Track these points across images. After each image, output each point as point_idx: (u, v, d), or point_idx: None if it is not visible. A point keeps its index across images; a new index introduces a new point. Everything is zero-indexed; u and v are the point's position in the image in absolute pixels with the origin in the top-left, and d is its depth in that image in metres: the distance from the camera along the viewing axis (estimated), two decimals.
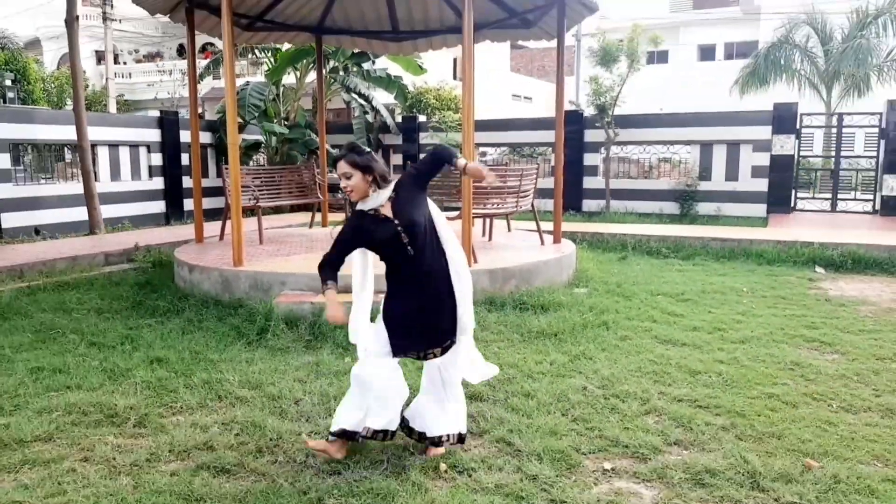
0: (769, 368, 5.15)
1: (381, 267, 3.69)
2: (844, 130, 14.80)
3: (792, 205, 14.24)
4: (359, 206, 3.58)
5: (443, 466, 3.59)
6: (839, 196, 14.74)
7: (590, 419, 4.18)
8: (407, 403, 3.81)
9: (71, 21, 11.75)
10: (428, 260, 3.56)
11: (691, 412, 4.28)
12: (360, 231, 3.58)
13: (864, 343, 5.84)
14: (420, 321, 3.59)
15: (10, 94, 23.23)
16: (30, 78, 25.97)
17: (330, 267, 3.65)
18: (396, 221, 3.50)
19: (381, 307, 3.68)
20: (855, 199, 14.98)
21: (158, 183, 14.10)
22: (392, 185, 3.57)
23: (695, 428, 4.06)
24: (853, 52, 19.39)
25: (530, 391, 4.60)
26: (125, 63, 36.61)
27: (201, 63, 19.83)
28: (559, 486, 3.40)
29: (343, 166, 3.49)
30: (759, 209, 13.69)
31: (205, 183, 11.23)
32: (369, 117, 16.62)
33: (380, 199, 3.52)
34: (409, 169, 3.69)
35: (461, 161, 3.57)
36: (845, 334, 6.13)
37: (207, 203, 12.25)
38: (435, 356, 3.65)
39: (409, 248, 3.51)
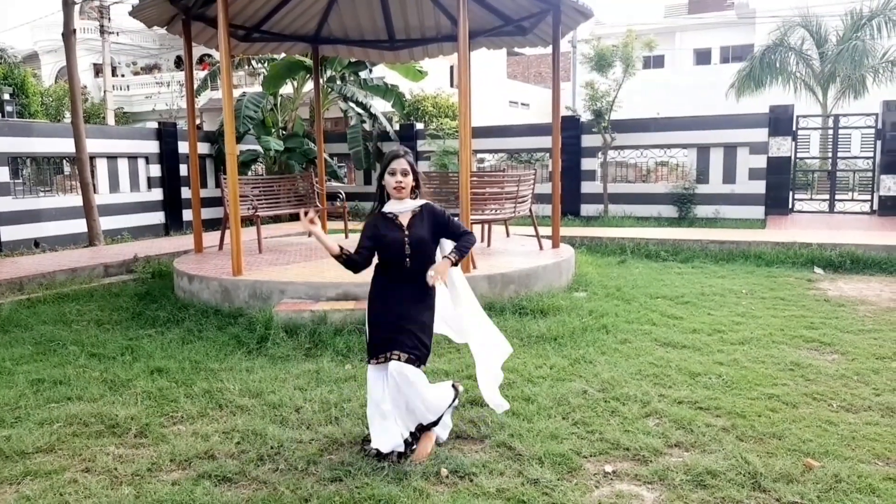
0: (769, 369, 5.16)
1: None
2: (841, 131, 14.84)
3: (790, 206, 14.27)
4: (385, 208, 3.81)
5: (444, 472, 3.59)
6: (837, 197, 14.78)
7: (590, 422, 4.18)
8: None
9: (68, 34, 11.80)
10: (411, 280, 3.78)
11: (692, 414, 4.28)
12: (376, 229, 3.79)
13: (864, 343, 5.85)
14: (390, 321, 3.77)
15: (9, 108, 23.32)
16: (28, 91, 26.07)
17: (354, 258, 3.80)
18: (407, 233, 3.73)
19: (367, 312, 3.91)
20: (852, 200, 15.02)
21: (157, 194, 14.14)
22: (420, 203, 3.81)
23: (695, 429, 4.06)
24: (849, 53, 19.44)
25: (531, 395, 4.60)
26: (123, 75, 36.72)
27: (199, 74, 19.92)
28: (560, 489, 3.40)
29: (404, 163, 3.74)
30: (757, 211, 13.73)
31: (203, 193, 11.27)
32: (367, 125, 16.67)
33: (406, 206, 3.79)
34: (445, 212, 3.88)
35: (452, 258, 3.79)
36: (845, 334, 6.13)
37: (206, 213, 12.30)
38: (399, 359, 3.70)
39: (408, 259, 3.73)
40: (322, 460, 3.76)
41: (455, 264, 3.80)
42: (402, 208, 3.79)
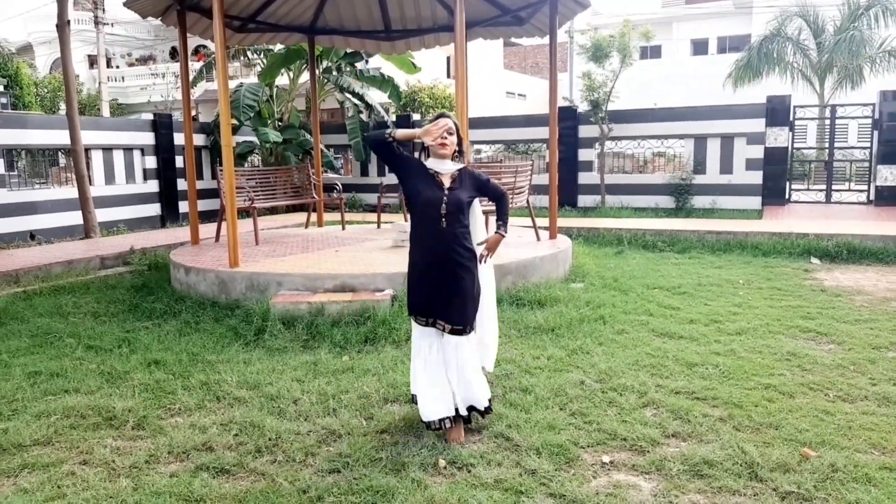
0: (766, 359, 5.17)
1: None
2: (838, 122, 14.87)
3: (786, 197, 14.29)
4: (428, 164, 3.86)
5: (441, 462, 3.59)
6: (833, 187, 14.81)
7: (588, 413, 4.19)
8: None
9: (62, 25, 11.72)
10: (448, 241, 3.78)
11: (689, 404, 4.29)
12: (417, 168, 3.85)
13: (860, 332, 5.87)
14: (427, 283, 3.82)
15: (3, 100, 23.18)
16: (22, 83, 25.92)
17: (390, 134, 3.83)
18: (446, 193, 3.78)
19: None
20: (849, 190, 15.05)
21: (153, 186, 14.07)
22: (459, 166, 3.87)
23: (692, 420, 4.07)
24: (846, 43, 19.43)
25: (528, 386, 4.61)
26: (118, 67, 36.54)
27: (194, 65, 19.82)
28: (558, 479, 3.41)
29: (450, 122, 3.83)
30: (754, 201, 13.73)
31: (200, 185, 11.25)
32: (363, 116, 16.62)
33: (447, 168, 3.84)
34: (487, 180, 3.98)
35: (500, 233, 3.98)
36: (841, 324, 6.15)
37: (203, 205, 12.25)
38: (443, 329, 3.82)
39: (443, 219, 3.76)
40: (320, 452, 3.76)
41: (504, 237, 3.94)
42: (443, 168, 3.83)
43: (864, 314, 6.50)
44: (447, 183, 3.81)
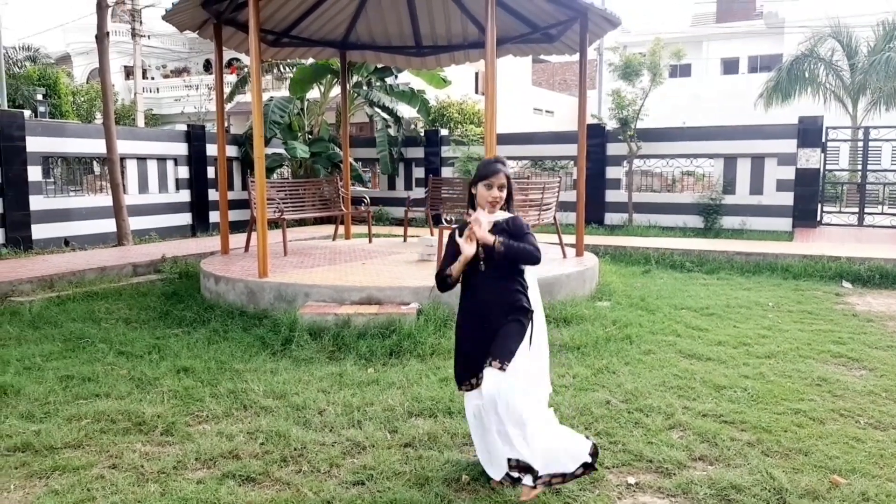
0: (796, 384, 5.09)
1: None
2: (871, 144, 14.62)
3: (818, 219, 14.06)
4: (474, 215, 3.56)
5: (465, 478, 3.59)
6: (866, 210, 14.54)
7: (613, 433, 4.16)
8: None
9: (101, 37, 12.02)
10: (495, 284, 3.50)
11: (716, 427, 4.24)
12: (457, 241, 3.54)
13: (893, 359, 5.75)
14: (474, 339, 3.52)
15: (41, 108, 23.74)
16: (60, 92, 26.54)
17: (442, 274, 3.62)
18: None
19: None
20: (882, 214, 14.76)
21: (185, 195, 14.31)
22: (508, 216, 3.58)
23: (720, 443, 4.02)
24: (881, 65, 19.16)
25: (553, 405, 4.56)
26: (153, 78, 37.31)
27: (228, 78, 20.16)
28: (583, 500, 3.39)
29: (503, 177, 3.53)
30: (785, 223, 13.55)
31: (230, 196, 11.39)
32: (392, 131, 16.75)
33: (492, 218, 3.52)
34: (528, 226, 3.58)
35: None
36: (873, 350, 6.03)
37: (233, 215, 12.43)
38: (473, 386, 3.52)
39: (481, 263, 3.49)
40: (345, 463, 3.78)
41: (492, 246, 3.38)
42: (488, 219, 3.47)
43: None
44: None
